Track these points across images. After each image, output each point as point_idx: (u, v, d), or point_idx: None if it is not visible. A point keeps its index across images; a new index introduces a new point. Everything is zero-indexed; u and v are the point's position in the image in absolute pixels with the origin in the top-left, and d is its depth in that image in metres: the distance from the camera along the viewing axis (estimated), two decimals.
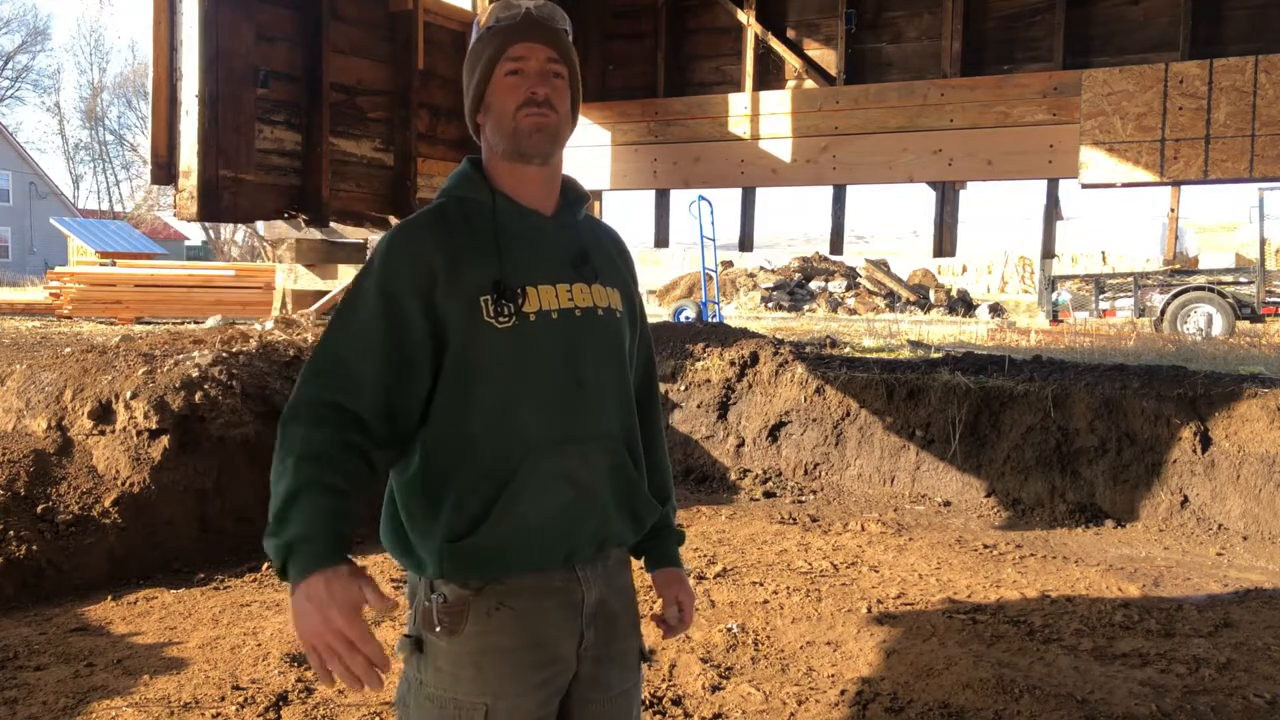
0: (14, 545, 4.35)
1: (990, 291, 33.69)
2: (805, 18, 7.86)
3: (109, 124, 51.57)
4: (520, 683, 1.58)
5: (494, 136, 1.65)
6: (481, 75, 1.65)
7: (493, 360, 1.56)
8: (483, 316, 1.55)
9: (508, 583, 1.58)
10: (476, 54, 1.67)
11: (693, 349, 7.76)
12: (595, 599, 1.65)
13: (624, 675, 1.72)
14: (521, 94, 1.62)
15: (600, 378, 1.64)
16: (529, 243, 1.63)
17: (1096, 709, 3.29)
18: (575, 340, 1.61)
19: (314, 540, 1.44)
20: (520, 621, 1.58)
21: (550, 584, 1.60)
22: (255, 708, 3.26)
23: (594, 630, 1.65)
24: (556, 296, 1.61)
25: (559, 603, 1.61)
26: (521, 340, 1.56)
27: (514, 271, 1.58)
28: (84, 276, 16.90)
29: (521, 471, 1.56)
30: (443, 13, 7.14)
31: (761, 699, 3.43)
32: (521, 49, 1.63)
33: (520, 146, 1.62)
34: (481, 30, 1.67)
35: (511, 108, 1.62)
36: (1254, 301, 17.16)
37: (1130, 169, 6.35)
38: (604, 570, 1.68)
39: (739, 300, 26.77)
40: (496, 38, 1.64)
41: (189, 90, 5.54)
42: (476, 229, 1.61)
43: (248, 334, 6.38)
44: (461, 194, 1.67)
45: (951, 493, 6.57)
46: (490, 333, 1.55)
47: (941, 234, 7.39)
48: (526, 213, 1.66)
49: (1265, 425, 5.93)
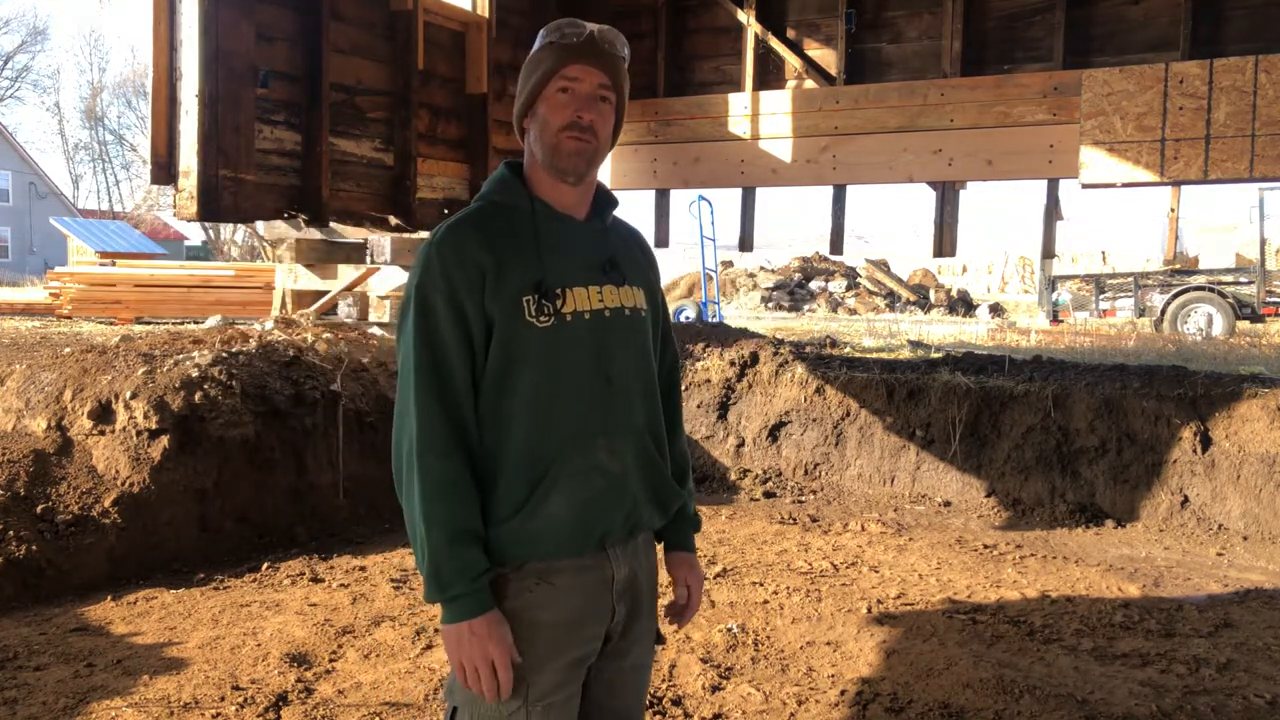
0: (14, 545, 4.35)
1: (990, 291, 33.70)
2: (805, 17, 7.86)
3: (109, 124, 51.58)
4: (559, 656, 1.69)
5: (536, 145, 1.77)
6: (536, 85, 1.75)
7: (532, 357, 1.67)
8: (525, 315, 1.67)
9: (547, 562, 1.69)
10: (535, 63, 1.76)
11: (693, 349, 7.76)
12: (625, 576, 1.77)
13: (641, 651, 1.84)
14: (568, 114, 1.73)
15: (627, 374, 1.77)
16: (565, 246, 1.75)
17: (1097, 709, 3.29)
18: (605, 339, 1.74)
19: (480, 590, 1.65)
20: (558, 597, 1.69)
21: (584, 563, 1.72)
22: (255, 708, 3.25)
23: (623, 605, 1.77)
24: (589, 298, 1.73)
25: (594, 579, 1.73)
26: (559, 339, 1.69)
27: (553, 274, 1.70)
28: (84, 276, 16.89)
29: (557, 463, 1.68)
30: (443, 13, 7.13)
31: (761, 699, 3.43)
32: (577, 70, 1.73)
33: (558, 164, 1.74)
34: (544, 41, 1.76)
35: (556, 124, 1.73)
36: (1254, 301, 17.16)
37: (1130, 169, 6.35)
38: (633, 550, 1.80)
39: (739, 300, 26.77)
40: (556, 53, 1.74)
41: (189, 90, 5.53)
42: (517, 233, 1.72)
43: (247, 334, 6.38)
44: (500, 199, 1.78)
45: (951, 493, 6.57)
46: (531, 331, 1.67)
47: (941, 234, 7.39)
48: (562, 218, 1.77)
49: (1265, 425, 5.93)
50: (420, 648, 3.82)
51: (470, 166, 7.37)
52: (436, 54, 7.12)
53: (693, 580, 1.94)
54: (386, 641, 3.88)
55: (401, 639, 3.90)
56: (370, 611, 4.21)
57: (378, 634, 3.95)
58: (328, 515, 5.64)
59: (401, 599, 4.39)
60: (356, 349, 6.32)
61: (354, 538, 5.50)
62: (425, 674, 3.56)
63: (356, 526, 5.67)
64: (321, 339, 6.29)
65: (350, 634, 3.94)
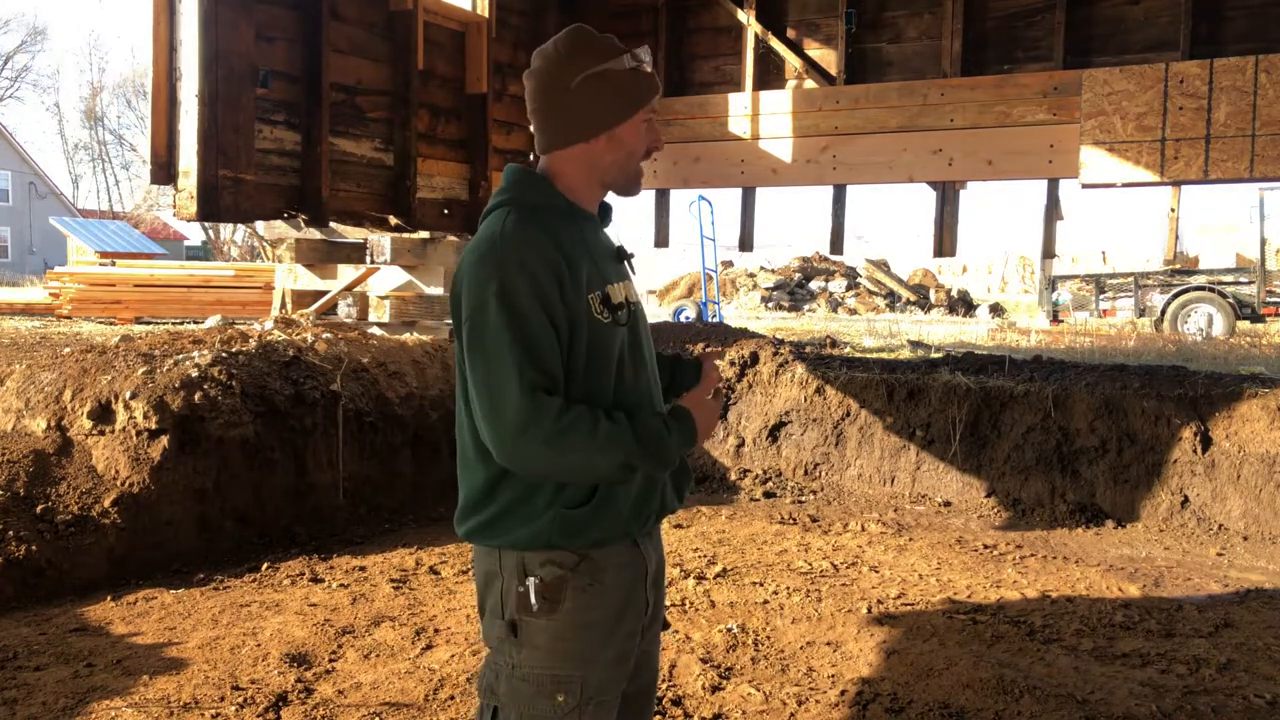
0: (14, 545, 4.35)
1: (990, 291, 33.69)
2: (805, 17, 7.85)
3: (109, 124, 51.50)
4: (609, 652, 1.78)
5: (612, 167, 1.85)
6: (627, 109, 1.83)
7: (603, 352, 1.76)
8: (593, 312, 1.74)
9: (597, 557, 1.76)
10: (628, 87, 1.83)
11: (693, 349, 7.75)
12: (654, 568, 1.89)
13: (652, 636, 1.96)
14: (648, 144, 1.87)
15: (652, 362, 1.91)
16: (599, 246, 1.85)
17: (1097, 709, 3.29)
18: (639, 330, 1.86)
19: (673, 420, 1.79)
20: (608, 596, 1.77)
21: (625, 558, 1.81)
22: (255, 708, 3.25)
23: (654, 594, 1.90)
24: (622, 293, 1.84)
25: (634, 574, 1.83)
26: (616, 334, 1.78)
27: (602, 273, 1.80)
28: (83, 276, 16.89)
29: None
30: (443, 13, 7.13)
31: (761, 699, 3.43)
32: (657, 102, 1.88)
33: (630, 189, 1.88)
34: (631, 65, 1.82)
35: (640, 153, 1.87)
36: (1254, 301, 17.15)
37: (1130, 169, 6.35)
38: (656, 541, 1.92)
39: (739, 300, 26.77)
40: (646, 84, 1.85)
41: (189, 90, 5.53)
42: (569, 233, 1.78)
43: (247, 334, 6.37)
44: (533, 199, 1.81)
45: (952, 493, 6.57)
46: (598, 327, 1.75)
47: (941, 234, 7.38)
48: (591, 218, 1.88)
49: (1265, 425, 5.93)
50: (420, 648, 3.82)
51: (470, 166, 7.37)
52: (436, 54, 7.12)
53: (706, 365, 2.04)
54: (386, 641, 3.88)
55: (401, 639, 3.89)
56: (370, 611, 4.21)
57: (378, 634, 3.95)
58: (327, 515, 5.64)
59: (401, 599, 4.39)
60: (356, 349, 6.32)
61: (354, 538, 5.50)
62: (425, 674, 3.56)
63: (356, 526, 5.66)
64: (321, 339, 6.29)
65: (350, 634, 3.94)
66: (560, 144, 1.82)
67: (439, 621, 4.11)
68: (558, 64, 1.81)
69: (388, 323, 7.12)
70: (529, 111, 1.87)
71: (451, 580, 4.72)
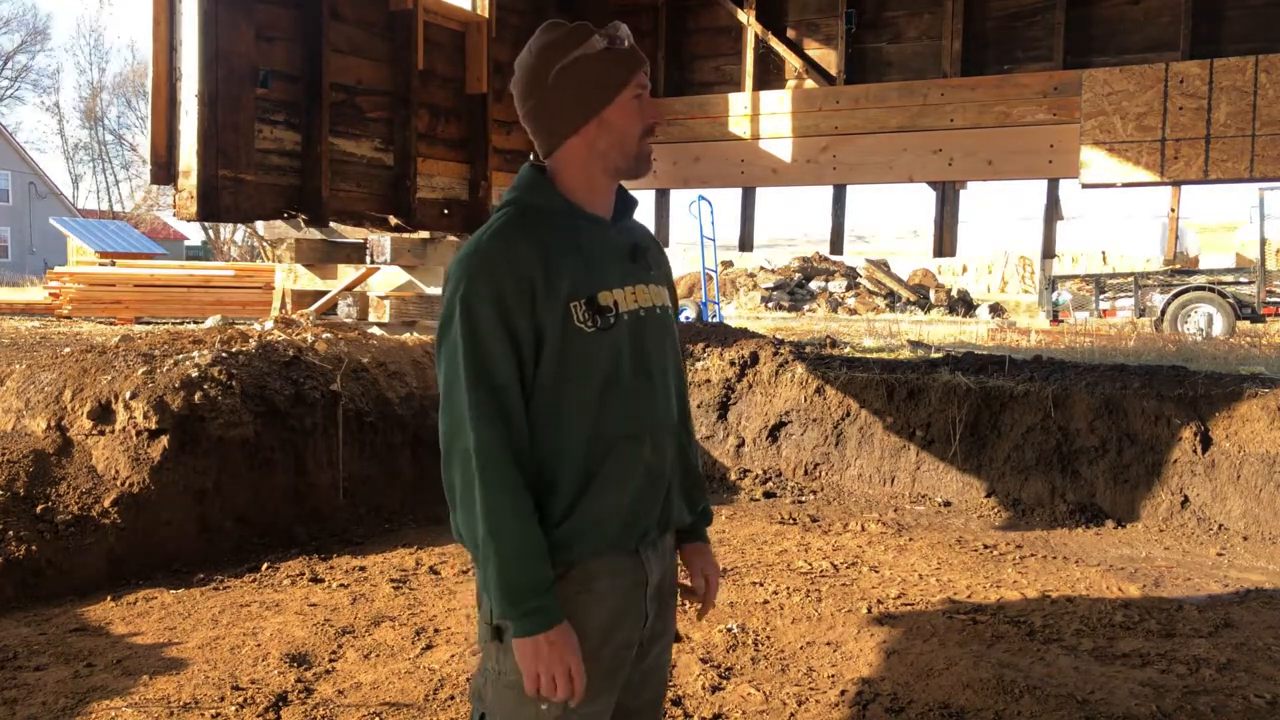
0: (14, 545, 4.35)
1: (990, 291, 33.68)
2: (805, 17, 7.86)
3: (109, 124, 51.55)
4: (599, 664, 1.71)
5: (610, 152, 1.77)
6: (607, 93, 1.75)
7: (583, 361, 1.70)
8: (574, 321, 1.68)
9: (589, 566, 1.71)
10: (599, 71, 1.75)
11: (693, 349, 7.75)
12: (657, 580, 1.82)
13: (661, 650, 1.89)
14: (646, 121, 1.78)
15: (662, 371, 1.82)
16: (601, 249, 1.77)
17: (1097, 709, 3.29)
18: (644, 338, 1.78)
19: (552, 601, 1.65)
20: (599, 605, 1.72)
21: (621, 567, 1.75)
22: (255, 708, 3.25)
23: (654, 608, 1.82)
24: (627, 298, 1.76)
25: (630, 584, 1.76)
26: (605, 342, 1.71)
27: (596, 278, 1.73)
28: (83, 276, 16.90)
29: (608, 461, 1.71)
30: (443, 12, 7.13)
31: (761, 699, 3.43)
32: (644, 76, 1.78)
33: (639, 170, 1.79)
34: (600, 48, 1.75)
35: (637, 131, 1.77)
36: (1254, 301, 17.15)
37: (1130, 169, 6.35)
38: (662, 552, 1.84)
39: (739, 300, 26.76)
40: (624, 61, 1.76)
41: (189, 90, 5.53)
42: (560, 238, 1.72)
43: (247, 334, 6.37)
44: (532, 200, 1.77)
45: (952, 493, 6.57)
46: (580, 336, 1.69)
47: (942, 234, 7.39)
48: (596, 219, 1.80)
49: (1265, 425, 5.93)
50: (420, 648, 3.82)
51: (470, 166, 7.37)
52: (436, 54, 7.12)
53: (710, 570, 1.97)
54: (386, 641, 3.88)
55: (401, 639, 3.89)
56: (370, 611, 4.21)
57: (377, 634, 3.95)
58: (327, 515, 5.63)
59: (401, 599, 4.39)
60: (356, 349, 6.32)
61: (354, 538, 5.49)
62: (425, 674, 3.56)
63: (356, 526, 5.66)
64: (321, 339, 6.29)
65: (350, 634, 3.94)
66: (555, 143, 1.79)
67: (439, 621, 4.11)
68: (532, 65, 1.77)
69: (388, 323, 7.12)
70: (521, 121, 1.84)
71: (451, 580, 4.72)
